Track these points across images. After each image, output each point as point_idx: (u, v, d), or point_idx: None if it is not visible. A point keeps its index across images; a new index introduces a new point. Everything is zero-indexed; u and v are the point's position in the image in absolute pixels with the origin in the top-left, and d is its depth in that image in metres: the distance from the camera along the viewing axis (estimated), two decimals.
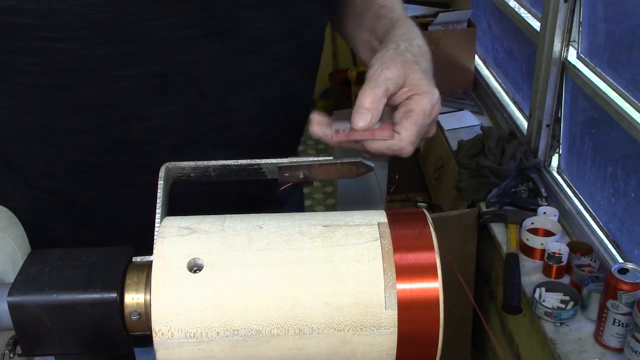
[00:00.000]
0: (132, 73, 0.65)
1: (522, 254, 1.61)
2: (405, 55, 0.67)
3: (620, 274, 1.27)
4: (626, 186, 1.49)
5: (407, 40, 0.71)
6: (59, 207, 0.77)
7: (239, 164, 0.58)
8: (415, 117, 0.63)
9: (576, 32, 1.68)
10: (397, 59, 0.66)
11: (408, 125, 0.63)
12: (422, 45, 0.72)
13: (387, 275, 0.44)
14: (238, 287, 0.43)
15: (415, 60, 0.68)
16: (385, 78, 0.63)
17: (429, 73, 0.69)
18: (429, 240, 0.46)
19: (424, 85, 0.65)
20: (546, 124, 1.82)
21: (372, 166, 0.59)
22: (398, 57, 0.66)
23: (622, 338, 1.29)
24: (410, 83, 0.65)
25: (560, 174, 1.82)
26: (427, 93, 0.65)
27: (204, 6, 0.64)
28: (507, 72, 2.31)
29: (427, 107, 0.64)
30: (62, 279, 0.43)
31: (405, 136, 0.62)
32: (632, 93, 1.41)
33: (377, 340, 0.44)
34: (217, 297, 0.42)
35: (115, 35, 0.62)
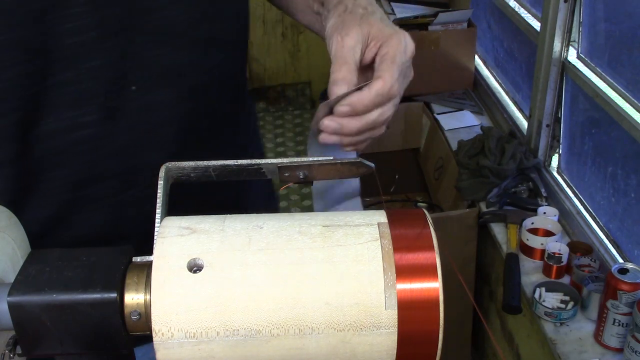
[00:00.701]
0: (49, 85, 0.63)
1: (522, 254, 1.61)
2: (356, 12, 0.65)
3: (620, 274, 1.27)
4: (626, 186, 1.49)
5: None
6: None
7: (239, 164, 0.58)
8: (391, 56, 0.62)
9: (576, 32, 1.68)
10: (352, 21, 0.64)
11: (386, 66, 0.62)
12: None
13: (387, 275, 0.44)
14: (238, 287, 0.43)
15: (368, 11, 0.66)
16: (350, 48, 0.63)
17: (386, 19, 0.67)
18: (429, 240, 0.46)
19: (388, 31, 0.64)
20: (546, 124, 1.82)
21: (372, 166, 0.59)
22: (351, 17, 0.65)
23: (622, 338, 1.29)
24: (374, 36, 0.64)
25: (560, 174, 1.82)
26: (394, 34, 0.64)
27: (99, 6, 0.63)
28: (507, 72, 2.31)
29: (399, 46, 0.63)
30: (62, 279, 0.43)
31: (387, 76, 0.61)
32: (632, 93, 1.41)
33: (377, 340, 0.44)
34: (217, 297, 0.42)
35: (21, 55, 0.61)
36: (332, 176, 0.59)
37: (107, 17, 0.63)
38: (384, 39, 0.63)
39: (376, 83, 0.61)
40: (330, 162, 0.58)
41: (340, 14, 0.66)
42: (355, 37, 0.63)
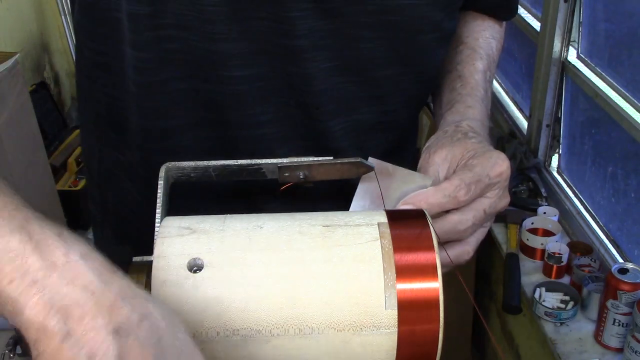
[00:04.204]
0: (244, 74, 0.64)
1: (522, 254, 1.61)
2: (454, 137, 0.63)
3: (620, 274, 1.27)
4: (626, 186, 1.49)
5: (454, 123, 0.66)
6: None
7: (239, 164, 0.58)
8: (470, 166, 0.58)
9: (576, 32, 1.68)
10: (445, 140, 0.62)
11: (460, 172, 0.58)
12: (473, 125, 0.66)
13: (387, 275, 0.44)
14: (238, 287, 0.43)
15: (467, 136, 0.63)
16: (435, 164, 0.60)
17: (484, 142, 0.63)
18: (429, 240, 0.46)
19: (481, 149, 0.60)
20: (546, 124, 1.82)
21: (372, 166, 0.59)
22: (447, 139, 0.63)
23: (622, 338, 1.29)
24: (465, 156, 0.60)
25: (560, 174, 1.82)
26: (486, 152, 0.60)
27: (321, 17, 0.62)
28: (507, 72, 2.31)
29: (486, 161, 0.58)
30: None
31: (455, 179, 0.57)
32: (632, 93, 1.41)
33: (377, 340, 0.44)
34: (217, 297, 0.42)
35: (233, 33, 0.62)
36: (332, 176, 0.59)
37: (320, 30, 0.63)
38: (475, 153, 0.60)
39: (444, 184, 0.57)
40: (331, 162, 0.58)
41: (439, 136, 0.64)
42: (444, 155, 0.60)
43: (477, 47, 0.77)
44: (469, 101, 0.70)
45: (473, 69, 0.74)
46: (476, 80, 0.74)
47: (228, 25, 0.61)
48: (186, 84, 0.65)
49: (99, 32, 0.68)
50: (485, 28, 0.80)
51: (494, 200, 0.59)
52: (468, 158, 0.59)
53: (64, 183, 2.50)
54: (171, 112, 0.68)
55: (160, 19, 0.62)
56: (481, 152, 0.60)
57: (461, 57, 0.76)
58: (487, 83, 0.75)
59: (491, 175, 0.58)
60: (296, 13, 0.61)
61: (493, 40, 0.80)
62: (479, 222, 0.59)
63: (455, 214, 0.57)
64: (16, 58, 1.85)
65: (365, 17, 0.63)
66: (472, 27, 0.79)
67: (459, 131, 0.64)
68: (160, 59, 0.64)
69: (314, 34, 0.63)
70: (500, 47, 0.82)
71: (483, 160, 0.59)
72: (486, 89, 0.74)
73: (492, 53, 0.79)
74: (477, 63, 0.75)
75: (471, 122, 0.67)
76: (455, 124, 0.66)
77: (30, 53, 2.72)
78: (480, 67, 0.75)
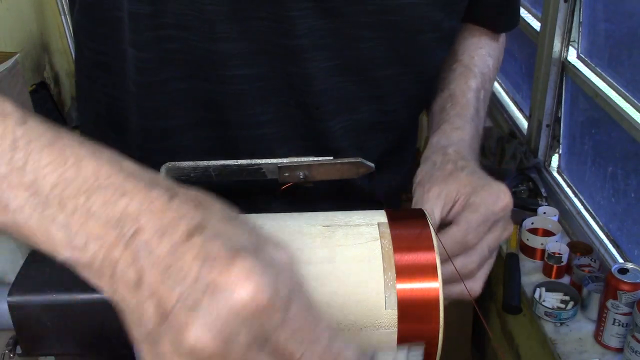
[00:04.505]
0: (244, 74, 0.64)
1: (522, 254, 1.61)
2: (445, 169, 0.61)
3: (620, 274, 1.27)
4: (626, 186, 1.49)
5: (441, 150, 0.65)
6: None
7: (239, 164, 0.58)
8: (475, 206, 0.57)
9: (576, 32, 1.68)
10: (439, 177, 0.61)
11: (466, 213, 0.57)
12: (460, 150, 0.65)
13: (387, 275, 0.44)
14: None
15: (457, 167, 0.61)
16: (430, 200, 0.59)
17: (478, 172, 0.62)
18: (429, 241, 0.46)
19: (479, 183, 0.59)
20: (546, 124, 1.82)
21: (372, 166, 0.59)
22: (439, 173, 0.61)
23: (622, 338, 1.29)
24: (462, 193, 0.58)
25: (560, 174, 1.82)
26: (485, 185, 0.58)
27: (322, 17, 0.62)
28: (507, 72, 2.31)
29: (488, 197, 0.57)
30: (62, 279, 0.43)
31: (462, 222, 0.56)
32: (632, 93, 1.41)
33: (377, 340, 0.44)
34: None
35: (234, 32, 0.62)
36: (332, 176, 0.59)
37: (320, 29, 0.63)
38: (473, 191, 0.58)
39: (451, 229, 0.56)
40: (330, 162, 0.58)
41: (427, 172, 0.62)
42: (437, 192, 0.59)
43: (471, 65, 0.76)
44: (457, 122, 0.69)
45: (465, 88, 0.73)
46: (467, 99, 0.72)
47: (228, 25, 0.61)
48: (186, 84, 0.65)
49: (100, 31, 0.68)
50: (482, 45, 0.79)
51: (497, 234, 0.59)
52: (467, 195, 0.58)
53: None
54: (171, 112, 0.68)
55: (161, 19, 0.62)
56: (480, 186, 0.58)
57: (454, 75, 0.75)
58: (479, 102, 0.74)
59: (496, 211, 0.57)
60: (296, 12, 0.61)
61: (489, 58, 0.79)
62: (484, 261, 0.58)
63: (459, 257, 0.56)
64: (16, 58, 1.85)
65: (365, 16, 0.63)
66: (468, 44, 0.78)
67: (448, 161, 0.63)
68: (160, 58, 0.64)
69: (313, 33, 0.63)
70: (497, 64, 0.81)
71: (485, 196, 0.57)
72: (477, 109, 0.73)
73: (488, 71, 0.78)
74: (470, 82, 0.74)
75: (458, 146, 0.65)
76: (442, 151, 0.65)
77: (30, 53, 2.72)
78: (473, 86, 0.74)
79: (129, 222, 0.36)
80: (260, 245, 0.36)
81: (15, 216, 0.38)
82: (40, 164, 0.38)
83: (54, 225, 0.37)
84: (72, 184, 0.38)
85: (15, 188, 0.38)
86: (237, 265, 0.34)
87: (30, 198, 0.38)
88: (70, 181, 0.38)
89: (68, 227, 0.37)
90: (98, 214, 0.37)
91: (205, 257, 0.35)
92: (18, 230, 0.38)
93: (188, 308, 0.34)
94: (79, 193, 0.37)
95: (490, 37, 0.80)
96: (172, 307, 0.34)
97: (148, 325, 0.35)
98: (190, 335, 0.33)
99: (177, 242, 0.35)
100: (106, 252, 0.37)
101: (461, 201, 0.58)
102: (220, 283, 0.34)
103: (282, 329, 0.35)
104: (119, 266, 0.36)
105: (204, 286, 0.34)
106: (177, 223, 0.36)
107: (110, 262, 0.36)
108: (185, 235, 0.35)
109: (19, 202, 0.38)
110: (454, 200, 0.58)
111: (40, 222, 0.38)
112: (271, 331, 0.34)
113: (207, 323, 0.33)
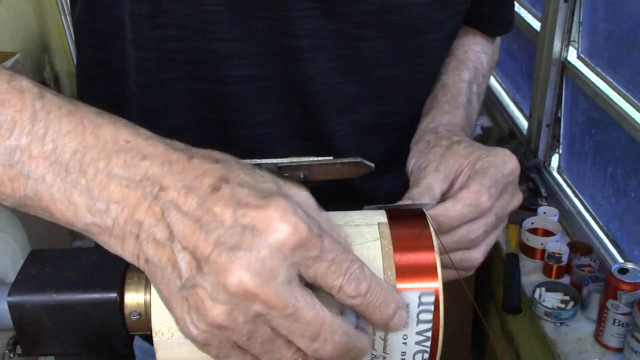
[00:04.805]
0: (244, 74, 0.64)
1: (522, 254, 1.61)
2: (441, 145, 0.59)
3: (620, 274, 1.27)
4: (626, 186, 1.49)
5: (431, 131, 0.63)
6: None
7: None
8: (483, 169, 0.55)
9: (576, 32, 1.68)
10: (435, 154, 0.59)
11: (476, 177, 0.54)
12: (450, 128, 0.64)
13: (387, 275, 0.44)
14: None
15: (453, 141, 0.59)
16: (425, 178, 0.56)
17: (476, 144, 0.59)
18: (429, 240, 0.46)
19: (481, 151, 0.57)
20: (546, 124, 1.82)
21: (372, 166, 0.59)
22: (435, 151, 0.59)
23: (622, 338, 1.29)
24: (464, 163, 0.56)
25: (560, 174, 1.82)
26: (490, 151, 0.56)
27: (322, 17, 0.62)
28: (507, 72, 2.31)
29: (495, 160, 0.55)
30: (62, 279, 0.43)
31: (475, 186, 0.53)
32: (632, 93, 1.41)
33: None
34: None
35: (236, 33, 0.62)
36: (332, 176, 0.59)
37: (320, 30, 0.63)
38: (477, 159, 0.56)
39: (462, 193, 0.53)
40: (331, 162, 0.58)
41: (422, 151, 0.60)
42: (434, 167, 0.57)
43: (465, 59, 0.75)
44: (446, 108, 0.68)
45: (458, 79, 0.72)
46: (459, 88, 0.71)
47: (229, 25, 0.61)
48: (187, 84, 0.65)
49: (101, 30, 0.68)
50: (476, 42, 0.78)
51: (506, 200, 0.56)
52: (471, 163, 0.56)
53: None
54: (171, 112, 0.68)
55: (161, 19, 0.62)
56: (483, 153, 0.56)
57: (447, 67, 0.74)
58: (472, 94, 0.72)
59: (505, 173, 0.55)
60: (297, 13, 0.61)
61: (484, 54, 0.78)
62: (490, 229, 0.56)
63: (465, 224, 0.54)
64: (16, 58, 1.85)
65: (365, 17, 0.63)
66: (463, 40, 0.78)
67: (442, 137, 0.61)
68: (161, 58, 0.64)
69: (314, 33, 0.63)
70: (492, 63, 0.80)
71: (492, 160, 0.55)
72: (470, 98, 0.71)
73: (482, 67, 0.77)
74: (463, 74, 0.73)
75: (448, 127, 0.64)
76: (433, 131, 0.63)
77: (30, 53, 2.72)
78: (466, 77, 0.73)
79: (152, 183, 0.38)
80: (283, 188, 0.38)
81: (37, 186, 0.39)
82: (60, 133, 0.39)
83: (75, 191, 0.38)
84: (92, 150, 0.39)
85: (35, 158, 0.39)
86: (271, 207, 0.36)
87: (51, 167, 0.38)
88: (90, 147, 0.39)
89: (89, 191, 0.38)
90: (119, 177, 0.38)
91: (237, 204, 0.36)
92: (39, 201, 0.39)
93: (227, 251, 0.35)
94: (99, 158, 0.39)
95: (485, 37, 0.80)
96: (210, 252, 0.35)
97: (184, 276, 0.36)
98: (232, 276, 0.35)
99: (204, 196, 0.37)
100: (129, 213, 0.38)
101: (466, 171, 0.56)
102: (258, 225, 0.35)
103: (320, 262, 0.37)
104: (144, 226, 0.37)
105: (241, 229, 0.35)
106: (201, 179, 0.37)
107: (135, 223, 0.38)
108: (211, 189, 0.37)
109: (40, 171, 0.39)
110: (456, 172, 0.56)
111: (62, 190, 0.38)
112: (310, 265, 0.36)
113: (248, 263, 0.35)
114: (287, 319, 0.36)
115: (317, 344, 0.37)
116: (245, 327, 0.36)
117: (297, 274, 0.36)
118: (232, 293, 0.35)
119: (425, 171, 0.57)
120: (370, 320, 0.40)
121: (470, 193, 0.53)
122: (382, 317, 0.40)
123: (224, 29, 0.61)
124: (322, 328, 0.37)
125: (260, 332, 0.36)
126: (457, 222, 0.53)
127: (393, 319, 0.40)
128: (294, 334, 0.36)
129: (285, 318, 0.36)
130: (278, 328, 0.36)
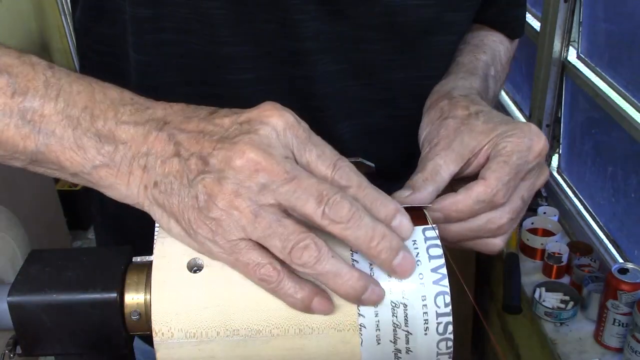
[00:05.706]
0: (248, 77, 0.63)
1: (522, 254, 1.61)
2: (455, 117, 0.55)
3: (620, 274, 1.27)
4: (626, 186, 1.49)
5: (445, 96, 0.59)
6: None
7: None
8: (506, 154, 0.50)
9: (576, 32, 1.68)
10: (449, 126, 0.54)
11: (495, 166, 0.49)
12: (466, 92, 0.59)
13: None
14: (238, 287, 0.43)
15: (470, 113, 0.54)
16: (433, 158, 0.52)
17: (498, 115, 0.54)
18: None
19: (503, 127, 0.51)
20: (546, 124, 1.82)
21: (372, 166, 0.59)
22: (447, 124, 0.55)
23: (622, 338, 1.29)
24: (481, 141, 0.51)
25: (560, 174, 1.82)
26: (515, 128, 0.51)
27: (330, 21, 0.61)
28: None
29: (519, 143, 0.50)
30: (62, 279, 0.43)
31: (492, 179, 0.49)
32: (632, 93, 1.41)
33: None
34: (217, 297, 0.42)
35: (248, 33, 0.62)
36: None
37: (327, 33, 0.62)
38: (498, 138, 0.51)
39: (477, 186, 0.49)
40: None
41: (434, 121, 0.56)
42: (448, 142, 0.52)
43: (481, 44, 0.72)
44: (461, 74, 0.64)
45: (473, 58, 0.69)
46: (475, 65, 0.67)
47: (231, 29, 0.61)
48: (189, 89, 0.65)
49: (102, 33, 0.68)
50: (492, 34, 0.76)
51: (532, 181, 0.52)
52: (493, 143, 0.51)
53: (64, 183, 2.50)
54: None
55: (162, 23, 0.61)
56: (506, 131, 0.51)
57: (462, 52, 0.71)
58: (489, 75, 0.68)
59: (530, 160, 0.50)
60: (301, 16, 0.60)
61: (501, 44, 0.75)
62: (516, 216, 0.51)
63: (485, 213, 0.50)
64: None
65: (371, 18, 0.62)
66: (478, 33, 0.75)
67: (457, 106, 0.55)
68: (162, 62, 0.64)
69: (319, 36, 0.62)
70: (509, 55, 0.76)
71: (516, 143, 0.50)
72: (487, 74, 0.67)
73: (499, 55, 0.73)
74: (479, 55, 0.70)
75: (464, 91, 0.59)
76: (447, 96, 0.58)
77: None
78: (483, 58, 0.69)
79: (157, 121, 0.43)
80: None
81: (47, 139, 0.43)
82: (71, 94, 0.44)
83: (84, 137, 0.43)
84: (101, 104, 0.44)
85: (47, 115, 0.43)
86: (263, 106, 0.42)
87: (62, 121, 0.43)
88: (99, 102, 0.44)
89: (99, 136, 0.43)
90: (127, 122, 0.43)
91: (234, 112, 0.43)
92: (49, 154, 0.43)
93: (229, 141, 0.40)
94: (107, 109, 0.44)
95: (501, 34, 0.77)
96: (214, 147, 0.40)
97: (192, 174, 0.41)
98: (236, 154, 0.39)
99: (204, 118, 0.43)
100: (137, 148, 0.43)
101: (486, 149, 0.51)
102: (252, 117, 0.42)
103: (310, 148, 0.42)
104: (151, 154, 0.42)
105: (239, 125, 0.41)
106: (199, 110, 0.44)
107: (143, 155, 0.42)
108: (209, 113, 0.43)
109: (52, 126, 0.43)
110: (473, 151, 0.51)
111: (71, 139, 0.43)
112: (302, 151, 0.42)
113: (249, 140, 0.40)
114: (289, 184, 0.39)
115: (325, 207, 0.39)
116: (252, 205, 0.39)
117: (291, 153, 0.41)
118: (238, 168, 0.39)
119: (435, 149, 0.53)
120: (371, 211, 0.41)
121: (486, 188, 0.49)
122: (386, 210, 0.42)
123: (227, 33, 0.61)
124: (324, 192, 0.39)
125: (265, 212, 0.39)
126: (467, 217, 0.50)
127: (395, 217, 0.42)
128: (299, 200, 0.39)
129: (287, 183, 0.39)
130: (283, 199, 0.39)
